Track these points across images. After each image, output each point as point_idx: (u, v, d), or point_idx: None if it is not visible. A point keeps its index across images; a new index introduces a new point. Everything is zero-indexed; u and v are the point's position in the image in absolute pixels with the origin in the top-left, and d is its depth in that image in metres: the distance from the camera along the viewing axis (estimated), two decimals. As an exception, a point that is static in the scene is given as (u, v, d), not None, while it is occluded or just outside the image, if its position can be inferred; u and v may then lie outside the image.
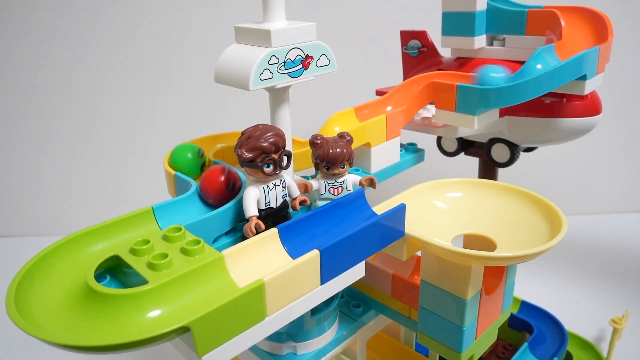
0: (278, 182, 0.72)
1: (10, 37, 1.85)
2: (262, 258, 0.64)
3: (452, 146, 1.23)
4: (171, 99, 1.92)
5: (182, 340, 0.56)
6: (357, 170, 0.94)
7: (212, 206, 0.75)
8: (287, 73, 0.72)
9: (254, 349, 0.86)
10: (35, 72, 1.88)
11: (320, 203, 0.78)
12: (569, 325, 1.17)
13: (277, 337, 0.83)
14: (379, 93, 1.23)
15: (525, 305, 1.18)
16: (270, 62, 0.70)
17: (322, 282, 0.65)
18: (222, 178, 0.75)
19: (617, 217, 2.03)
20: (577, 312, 1.43)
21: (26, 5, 1.82)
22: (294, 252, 0.66)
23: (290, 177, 0.75)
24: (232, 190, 0.75)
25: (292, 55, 0.72)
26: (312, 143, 0.77)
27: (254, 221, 0.68)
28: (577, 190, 2.05)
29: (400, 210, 0.74)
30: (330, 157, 0.75)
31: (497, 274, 0.85)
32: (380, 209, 0.79)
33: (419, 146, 1.05)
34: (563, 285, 1.57)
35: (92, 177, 2.00)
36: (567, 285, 1.58)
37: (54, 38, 1.85)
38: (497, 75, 0.93)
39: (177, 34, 1.86)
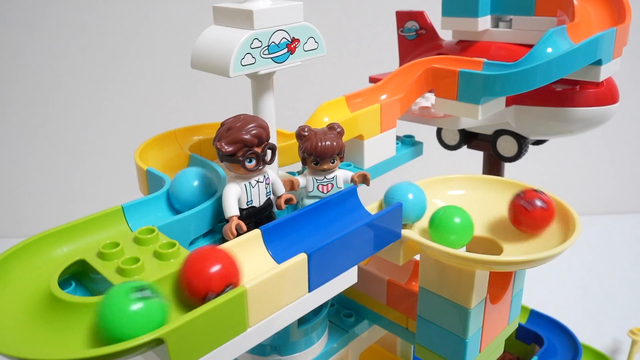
0: (261, 178, 0.72)
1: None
2: (243, 262, 0.64)
3: (453, 139, 1.24)
4: (142, 87, 1.92)
5: (155, 353, 0.56)
6: (349, 165, 0.95)
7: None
8: (271, 58, 0.72)
9: (235, 363, 0.86)
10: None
11: (308, 202, 0.78)
12: (582, 336, 1.18)
13: (261, 349, 0.83)
14: (373, 80, 1.23)
15: (534, 315, 1.19)
16: (252, 46, 0.70)
17: (310, 289, 0.65)
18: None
19: (636, 218, 2.04)
20: (591, 321, 1.44)
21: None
22: (279, 256, 0.66)
23: (274, 173, 0.75)
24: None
25: (276, 38, 0.72)
26: (299, 135, 0.77)
27: (235, 222, 0.68)
28: (594, 188, 2.05)
29: (396, 210, 0.75)
30: (318, 150, 0.75)
31: (503, 281, 0.85)
32: (374, 208, 0.80)
33: (416, 139, 1.06)
34: (576, 293, 1.58)
35: (54, 172, 2.00)
36: (580, 292, 1.58)
37: (9, 22, 1.84)
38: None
39: (148, 14, 1.86)
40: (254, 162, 0.69)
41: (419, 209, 0.80)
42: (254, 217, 0.72)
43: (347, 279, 0.70)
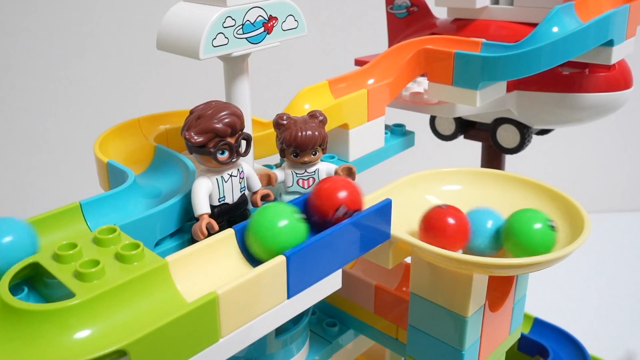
0: (235, 172, 0.72)
1: None
2: (215, 266, 0.64)
3: (448, 128, 1.24)
4: (103, 70, 1.91)
5: (117, 367, 0.56)
6: (332, 157, 0.95)
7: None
8: (245, 38, 0.72)
9: (206, 378, 0.86)
10: None
11: (287, 198, 0.78)
12: (591, 347, 1.19)
13: (234, 363, 0.83)
14: (359, 63, 1.24)
15: (538, 324, 1.19)
16: (225, 25, 0.70)
17: (289, 295, 0.65)
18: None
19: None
20: (601, 331, 1.45)
21: None
22: (255, 259, 0.66)
23: (249, 166, 0.75)
24: None
25: (252, 16, 0.72)
26: (277, 124, 0.77)
27: (205, 220, 0.68)
28: (605, 183, 2.06)
29: (385, 207, 0.75)
30: (298, 141, 0.75)
31: (504, 286, 0.86)
32: (360, 205, 0.80)
33: (408, 128, 1.06)
34: (585, 299, 1.59)
35: (4, 164, 1.99)
36: (590, 298, 1.59)
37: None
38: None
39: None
40: (226, 153, 0.69)
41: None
42: (226, 215, 0.72)
43: (331, 284, 0.70)
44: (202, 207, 0.69)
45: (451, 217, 0.78)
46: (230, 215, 0.73)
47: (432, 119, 1.26)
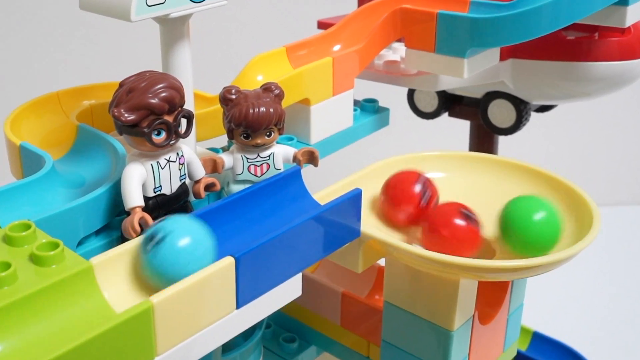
0: (173, 156, 0.72)
1: None
2: (150, 269, 0.65)
3: (430, 104, 1.25)
4: (14, 34, 1.91)
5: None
6: (291, 139, 0.95)
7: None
8: (186, -5, 0.73)
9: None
10: None
11: (236, 188, 0.78)
12: (600, 365, 1.20)
13: (173, 386, 0.84)
14: (323, 25, 1.24)
15: (538, 339, 1.20)
16: (161, -21, 0.70)
17: (239, 304, 0.66)
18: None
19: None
20: (610, 346, 1.46)
21: None
22: (197, 261, 0.67)
23: (191, 150, 0.75)
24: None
25: (193, -31, 0.72)
26: (225, 99, 0.77)
27: (138, 214, 0.68)
28: (617, 171, 2.07)
29: (354, 199, 0.75)
30: (250, 119, 0.75)
31: (497, 294, 0.86)
32: (325, 196, 0.80)
33: (381, 104, 1.06)
34: (591, 310, 1.60)
35: None
36: (596, 309, 1.60)
37: None
38: None
39: None
40: (163, 134, 0.69)
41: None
42: (163, 208, 0.73)
43: (289, 291, 0.71)
44: (134, 198, 0.69)
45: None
46: (167, 208, 0.73)
47: (411, 93, 1.27)
